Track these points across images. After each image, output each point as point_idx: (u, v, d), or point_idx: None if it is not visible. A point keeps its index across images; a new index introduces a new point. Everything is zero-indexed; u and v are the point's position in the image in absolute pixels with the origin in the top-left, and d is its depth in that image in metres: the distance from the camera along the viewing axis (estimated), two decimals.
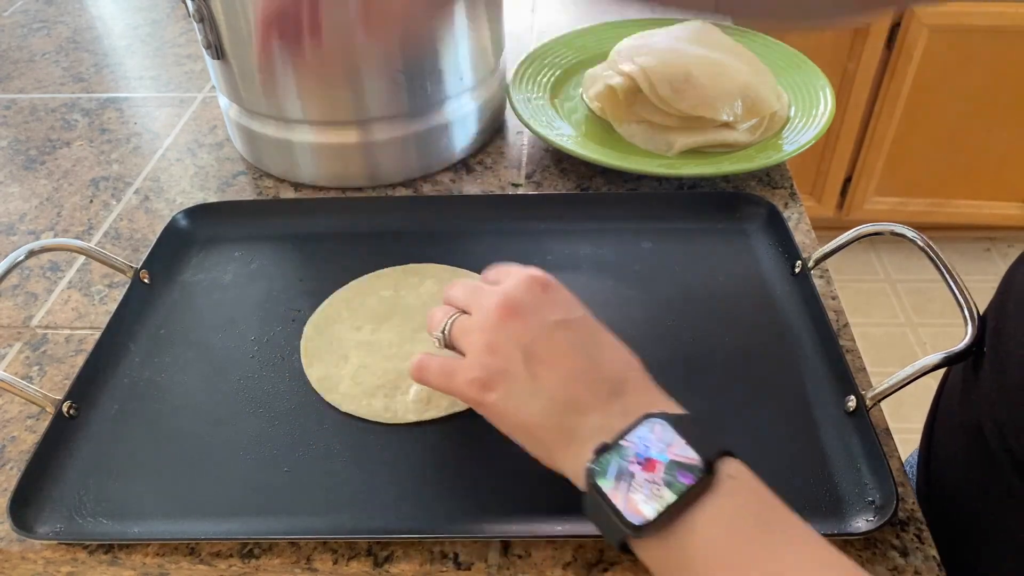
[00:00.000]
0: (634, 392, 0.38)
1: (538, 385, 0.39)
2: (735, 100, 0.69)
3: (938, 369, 0.45)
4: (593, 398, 0.38)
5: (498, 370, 0.39)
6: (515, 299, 0.41)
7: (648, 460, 0.34)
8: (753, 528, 0.33)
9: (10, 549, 0.44)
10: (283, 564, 0.43)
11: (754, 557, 0.32)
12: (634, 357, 0.41)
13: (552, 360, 0.39)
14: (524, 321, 0.40)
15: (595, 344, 0.40)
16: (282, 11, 0.52)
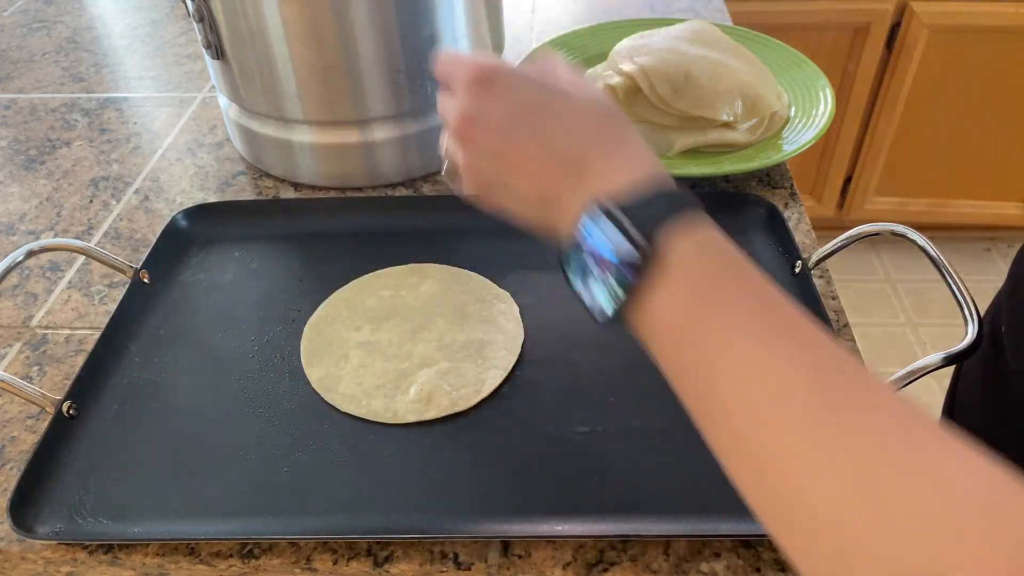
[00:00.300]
0: (593, 167, 0.36)
1: (513, 190, 0.39)
2: (735, 100, 0.69)
3: (938, 369, 0.45)
4: (560, 186, 0.37)
5: (484, 184, 0.40)
6: (465, 115, 0.39)
7: (601, 259, 0.34)
8: (708, 301, 0.32)
9: (10, 549, 0.44)
10: (283, 564, 0.43)
11: (712, 328, 0.31)
12: (593, 109, 0.39)
13: (515, 161, 0.38)
14: (479, 135, 0.39)
15: (549, 124, 0.38)
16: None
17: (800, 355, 0.29)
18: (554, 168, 0.37)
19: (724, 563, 0.42)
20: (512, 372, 0.51)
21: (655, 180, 0.35)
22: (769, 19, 1.57)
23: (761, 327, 0.30)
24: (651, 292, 0.32)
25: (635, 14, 0.97)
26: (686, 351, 0.32)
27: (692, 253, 0.33)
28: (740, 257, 0.33)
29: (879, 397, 0.28)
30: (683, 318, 0.32)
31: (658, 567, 0.42)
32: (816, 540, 0.26)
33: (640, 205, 0.33)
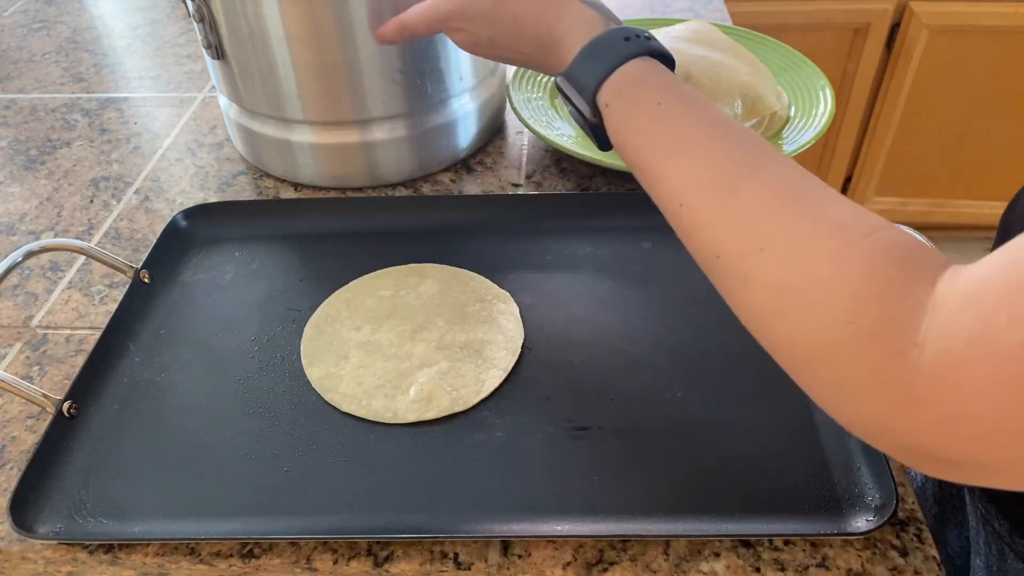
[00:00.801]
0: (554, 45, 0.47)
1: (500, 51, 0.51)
2: (735, 100, 0.69)
3: None
4: (539, 59, 0.48)
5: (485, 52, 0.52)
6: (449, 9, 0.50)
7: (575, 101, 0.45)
8: (636, 130, 0.41)
9: (10, 549, 0.44)
10: (283, 564, 0.43)
11: (642, 148, 0.41)
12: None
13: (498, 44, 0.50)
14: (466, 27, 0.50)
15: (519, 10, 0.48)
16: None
17: (703, 162, 0.38)
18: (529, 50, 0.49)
19: (724, 563, 0.42)
20: (512, 372, 0.51)
21: (594, 43, 0.44)
22: (769, 19, 1.57)
23: (678, 142, 0.39)
24: (605, 122, 0.43)
25: (635, 14, 0.97)
26: (632, 159, 0.42)
27: (620, 96, 0.42)
28: (655, 85, 0.41)
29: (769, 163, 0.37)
30: (623, 138, 0.42)
31: (658, 567, 0.42)
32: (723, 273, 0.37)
33: (580, 74, 0.44)
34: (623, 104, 0.42)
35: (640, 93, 0.42)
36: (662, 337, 0.54)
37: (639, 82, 0.42)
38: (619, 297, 0.57)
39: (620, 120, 0.42)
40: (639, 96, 0.42)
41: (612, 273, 0.59)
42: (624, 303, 0.57)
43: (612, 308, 0.56)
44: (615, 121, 0.42)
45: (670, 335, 0.54)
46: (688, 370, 0.51)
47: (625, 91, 0.42)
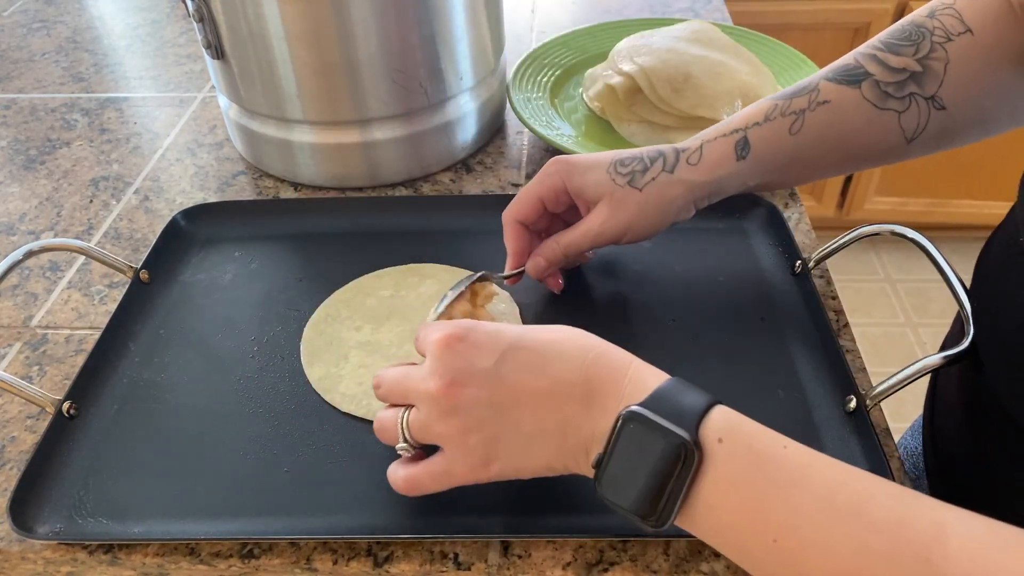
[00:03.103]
0: (600, 384, 0.37)
1: (526, 429, 0.38)
2: (735, 100, 0.69)
3: (939, 369, 0.45)
4: (573, 411, 0.37)
5: (484, 440, 0.38)
6: (448, 369, 0.38)
7: (640, 468, 0.34)
8: (761, 483, 0.32)
9: (10, 549, 0.44)
10: (283, 564, 0.43)
11: (771, 509, 0.32)
12: (576, 341, 0.39)
13: (518, 401, 0.38)
14: (470, 383, 0.38)
15: (541, 358, 0.38)
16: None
17: (869, 525, 0.30)
18: (564, 396, 0.37)
19: (724, 563, 0.42)
20: None
21: (670, 383, 0.36)
22: (769, 19, 1.57)
23: (823, 501, 0.31)
24: (701, 488, 0.33)
25: (635, 14, 0.97)
26: (754, 537, 0.32)
27: (733, 433, 0.34)
28: (776, 436, 0.34)
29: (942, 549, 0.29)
30: (743, 509, 0.32)
31: (658, 567, 0.42)
32: None
33: (670, 404, 0.34)
34: (742, 442, 0.33)
35: (752, 432, 0.34)
36: (662, 337, 0.54)
37: (743, 421, 0.34)
38: (619, 297, 0.57)
39: (742, 464, 0.33)
40: (755, 436, 0.34)
41: (612, 273, 0.59)
42: (624, 303, 0.57)
43: (612, 308, 0.56)
44: (734, 466, 0.33)
45: (670, 335, 0.54)
46: (688, 370, 0.51)
47: (737, 427, 0.34)
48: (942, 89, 0.47)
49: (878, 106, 0.48)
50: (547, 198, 0.52)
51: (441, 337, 0.39)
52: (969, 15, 0.47)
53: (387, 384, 0.42)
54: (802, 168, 0.52)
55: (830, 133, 0.50)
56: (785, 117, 0.50)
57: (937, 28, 0.48)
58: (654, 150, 0.52)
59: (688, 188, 0.51)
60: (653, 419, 0.34)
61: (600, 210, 0.51)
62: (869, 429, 0.45)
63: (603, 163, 0.52)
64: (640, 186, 0.51)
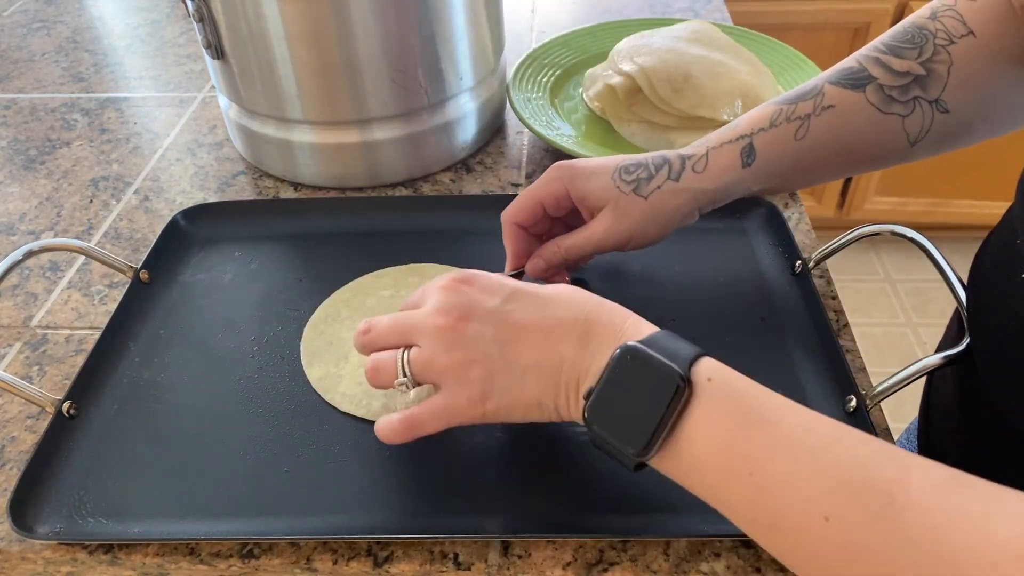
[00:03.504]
0: (600, 326, 0.39)
1: (522, 365, 0.40)
2: (735, 100, 0.69)
3: (938, 369, 0.45)
4: (571, 349, 0.39)
5: (484, 376, 0.40)
6: (456, 305, 0.41)
7: (633, 399, 0.36)
8: (742, 420, 0.34)
9: (10, 549, 0.44)
10: (283, 564, 0.43)
11: (751, 446, 0.33)
12: (575, 291, 0.42)
13: (520, 336, 0.40)
14: (475, 319, 0.40)
15: (546, 301, 0.41)
16: None
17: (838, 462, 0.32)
18: (561, 335, 0.39)
19: (724, 563, 0.42)
20: None
21: (666, 332, 0.38)
22: (769, 19, 1.57)
23: (798, 440, 0.33)
24: (687, 421, 0.35)
25: (635, 14, 0.97)
26: (730, 471, 0.34)
27: (721, 375, 0.36)
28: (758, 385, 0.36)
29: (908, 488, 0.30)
30: (722, 443, 0.34)
31: (658, 567, 0.42)
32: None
33: (666, 346, 0.36)
34: (729, 383, 0.35)
35: (739, 378, 0.36)
36: None
37: (731, 370, 0.36)
38: (619, 297, 0.57)
39: (726, 401, 0.35)
40: (741, 380, 0.36)
41: (612, 273, 0.59)
42: (624, 303, 0.56)
43: None
44: (719, 403, 0.35)
45: None
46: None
47: (725, 370, 0.36)
48: (945, 92, 0.47)
49: (882, 110, 0.48)
50: (548, 203, 0.52)
51: (449, 279, 0.42)
52: (970, 17, 0.47)
53: (383, 326, 0.44)
54: (805, 172, 0.52)
55: (835, 138, 0.50)
56: (790, 122, 0.49)
57: (939, 30, 0.48)
58: (659, 157, 0.51)
59: (693, 196, 0.51)
60: (650, 353, 0.36)
61: (604, 217, 0.51)
62: (869, 429, 0.45)
63: (607, 169, 0.51)
64: (645, 194, 0.50)
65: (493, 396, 0.40)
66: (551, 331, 0.40)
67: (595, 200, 0.51)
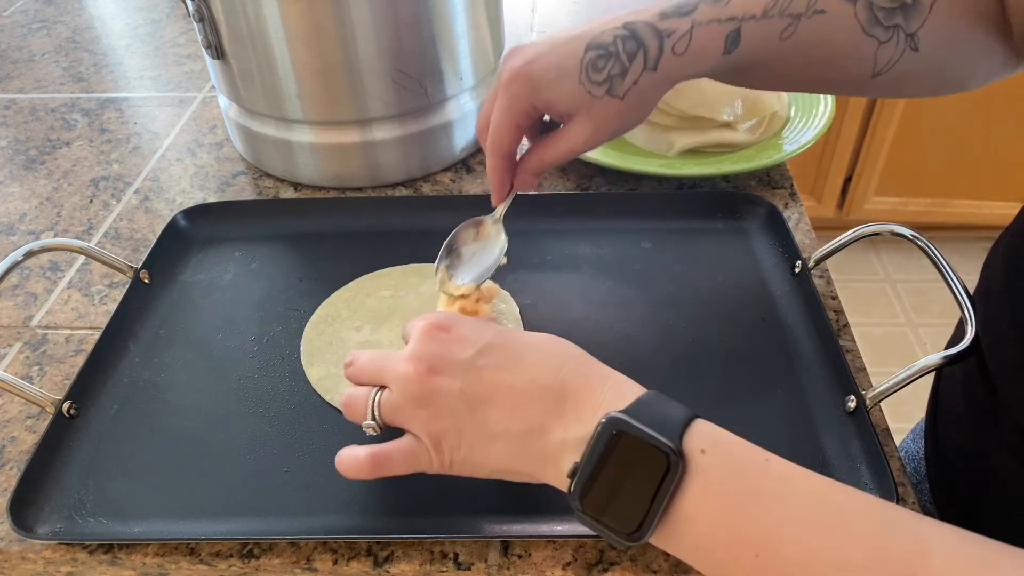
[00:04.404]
0: (576, 390, 0.37)
1: (492, 427, 0.38)
2: (735, 100, 0.69)
3: (938, 369, 0.45)
4: (545, 415, 0.37)
5: (451, 430, 0.38)
6: (427, 355, 0.39)
7: (619, 477, 0.34)
8: (743, 495, 0.32)
9: (10, 549, 0.44)
10: (283, 564, 0.43)
11: (753, 521, 0.32)
12: (556, 346, 0.40)
13: (491, 396, 0.38)
14: (446, 372, 0.39)
15: (519, 358, 0.39)
16: None
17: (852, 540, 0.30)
18: (535, 397, 0.37)
19: None
20: None
21: (650, 394, 0.36)
22: None
23: (806, 515, 0.31)
24: (683, 500, 0.33)
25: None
26: (735, 552, 0.32)
27: (716, 444, 0.33)
28: (757, 450, 0.34)
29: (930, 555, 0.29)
30: (724, 523, 0.32)
31: (658, 567, 0.42)
32: None
33: (652, 414, 0.34)
34: (724, 453, 0.33)
35: (734, 445, 0.34)
36: (662, 337, 0.54)
37: (725, 433, 0.34)
38: (619, 297, 0.57)
39: (724, 475, 0.33)
40: (736, 449, 0.34)
41: (612, 273, 0.59)
42: (624, 303, 0.57)
43: (612, 308, 0.56)
44: (716, 478, 0.32)
45: (670, 335, 0.54)
46: (688, 370, 0.51)
47: (719, 439, 0.34)
48: (922, 28, 0.46)
49: (865, 29, 0.46)
50: (521, 121, 0.48)
51: (426, 324, 0.40)
52: None
53: (361, 363, 0.43)
54: (770, 76, 0.49)
55: (815, 47, 0.47)
56: (782, 18, 0.46)
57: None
58: (631, 39, 0.45)
59: (669, 82, 0.46)
60: (638, 427, 0.33)
61: (582, 125, 0.46)
62: (869, 429, 0.45)
63: (572, 70, 0.45)
64: (621, 94, 0.45)
65: (461, 450, 0.39)
66: (523, 392, 0.37)
67: (565, 108, 0.46)
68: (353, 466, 0.40)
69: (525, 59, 0.46)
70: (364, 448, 0.40)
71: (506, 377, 0.38)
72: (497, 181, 0.51)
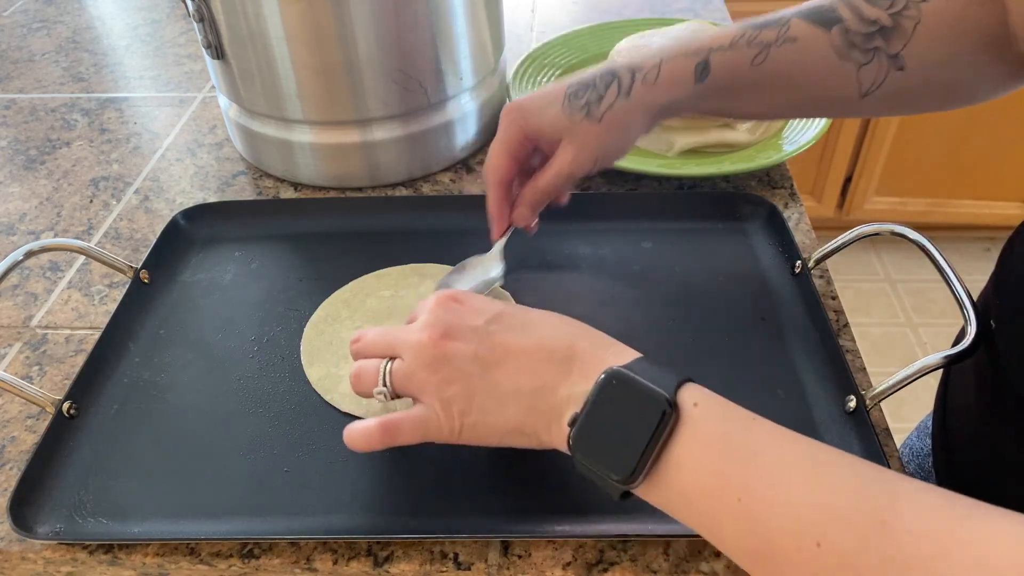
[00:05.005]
0: (583, 352, 0.39)
1: (503, 388, 0.39)
2: None
3: (939, 369, 0.45)
4: (554, 374, 0.38)
5: (462, 394, 0.39)
6: (441, 322, 0.41)
7: (617, 426, 0.35)
8: (731, 445, 0.34)
9: (10, 549, 0.44)
10: (283, 564, 0.43)
11: (740, 471, 0.33)
12: (563, 317, 0.42)
13: (503, 358, 0.39)
14: (460, 337, 0.40)
15: (530, 324, 0.41)
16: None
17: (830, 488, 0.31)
18: (544, 359, 0.39)
19: (724, 563, 0.42)
20: None
21: (649, 359, 0.38)
22: None
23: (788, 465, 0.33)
24: (674, 447, 0.34)
25: (635, 14, 0.97)
26: (720, 497, 0.33)
27: (708, 400, 0.35)
28: (746, 411, 0.36)
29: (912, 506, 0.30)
30: (710, 469, 0.33)
31: (658, 567, 0.42)
32: None
33: (650, 371, 0.36)
34: (715, 408, 0.35)
35: (724, 403, 0.36)
36: (662, 337, 0.54)
37: (716, 395, 0.36)
38: (619, 297, 0.57)
39: (714, 426, 0.34)
40: (727, 406, 0.35)
41: (612, 273, 0.59)
42: (624, 303, 0.57)
43: (612, 308, 0.56)
44: (706, 428, 0.34)
45: (670, 335, 0.54)
46: (688, 370, 0.51)
47: (710, 396, 0.36)
48: (906, 49, 0.46)
49: (842, 54, 0.48)
50: (516, 151, 0.52)
51: (439, 296, 0.43)
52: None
53: (371, 337, 0.44)
54: (752, 102, 0.51)
55: (791, 72, 0.49)
56: (751, 47, 0.48)
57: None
58: (607, 73, 0.50)
59: (646, 110, 0.50)
60: (635, 378, 0.35)
61: (566, 149, 0.51)
62: (869, 429, 0.45)
63: (557, 99, 0.51)
64: (598, 117, 0.50)
65: (471, 414, 0.39)
66: (533, 354, 0.39)
67: (551, 133, 0.51)
68: (363, 436, 0.41)
69: (519, 99, 0.52)
70: (374, 419, 0.41)
71: (518, 339, 0.40)
72: (496, 212, 0.54)
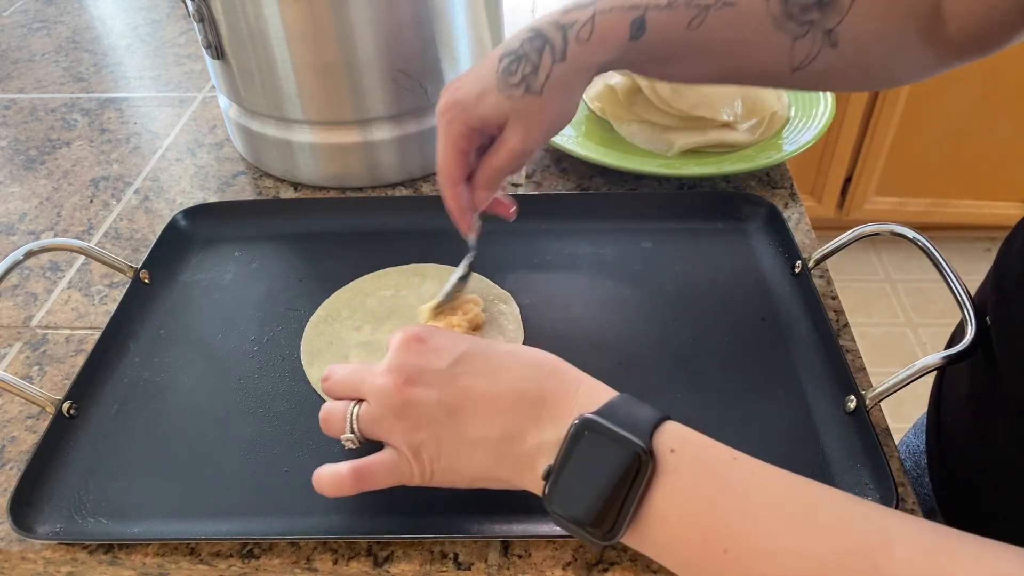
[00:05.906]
0: (552, 396, 0.38)
1: (470, 435, 0.38)
2: (735, 100, 0.69)
3: (938, 369, 0.45)
4: (522, 420, 0.38)
5: (431, 440, 0.39)
6: (404, 366, 0.40)
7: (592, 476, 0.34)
8: (713, 492, 0.33)
9: (10, 549, 0.44)
10: (283, 564, 0.43)
11: (724, 521, 0.32)
12: (532, 354, 0.40)
13: (467, 404, 0.38)
14: (423, 382, 0.39)
15: (495, 365, 0.40)
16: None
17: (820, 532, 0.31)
18: (512, 404, 0.38)
19: None
20: None
21: (622, 397, 0.37)
22: None
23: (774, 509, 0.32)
24: (654, 497, 0.33)
25: None
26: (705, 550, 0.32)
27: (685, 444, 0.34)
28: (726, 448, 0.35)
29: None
30: (693, 519, 0.33)
31: (658, 567, 0.42)
32: None
33: (624, 414, 0.35)
34: (693, 451, 0.34)
35: (703, 444, 0.35)
36: (662, 337, 0.54)
37: (694, 434, 0.35)
38: (619, 297, 0.57)
39: (694, 473, 0.33)
40: (706, 448, 0.35)
41: (612, 273, 0.59)
42: (624, 303, 0.57)
43: (612, 308, 0.56)
44: (685, 475, 0.33)
45: (670, 335, 0.54)
46: (688, 370, 0.51)
47: (688, 439, 0.35)
48: (841, 25, 0.46)
49: (777, 24, 0.47)
50: (464, 147, 0.49)
51: (402, 337, 0.41)
52: None
53: (338, 377, 0.43)
54: (683, 66, 0.50)
55: (725, 39, 0.48)
56: (689, 8, 0.47)
57: None
58: (537, 37, 0.46)
59: (584, 71, 0.47)
60: (609, 427, 0.34)
61: (514, 130, 0.48)
62: (869, 429, 0.45)
63: (490, 80, 0.47)
64: (539, 90, 0.46)
65: (441, 460, 0.39)
66: (498, 399, 0.38)
67: (496, 118, 0.48)
68: (335, 482, 0.40)
69: (450, 90, 0.49)
70: (345, 464, 0.40)
71: (482, 384, 0.39)
72: (456, 209, 0.51)
